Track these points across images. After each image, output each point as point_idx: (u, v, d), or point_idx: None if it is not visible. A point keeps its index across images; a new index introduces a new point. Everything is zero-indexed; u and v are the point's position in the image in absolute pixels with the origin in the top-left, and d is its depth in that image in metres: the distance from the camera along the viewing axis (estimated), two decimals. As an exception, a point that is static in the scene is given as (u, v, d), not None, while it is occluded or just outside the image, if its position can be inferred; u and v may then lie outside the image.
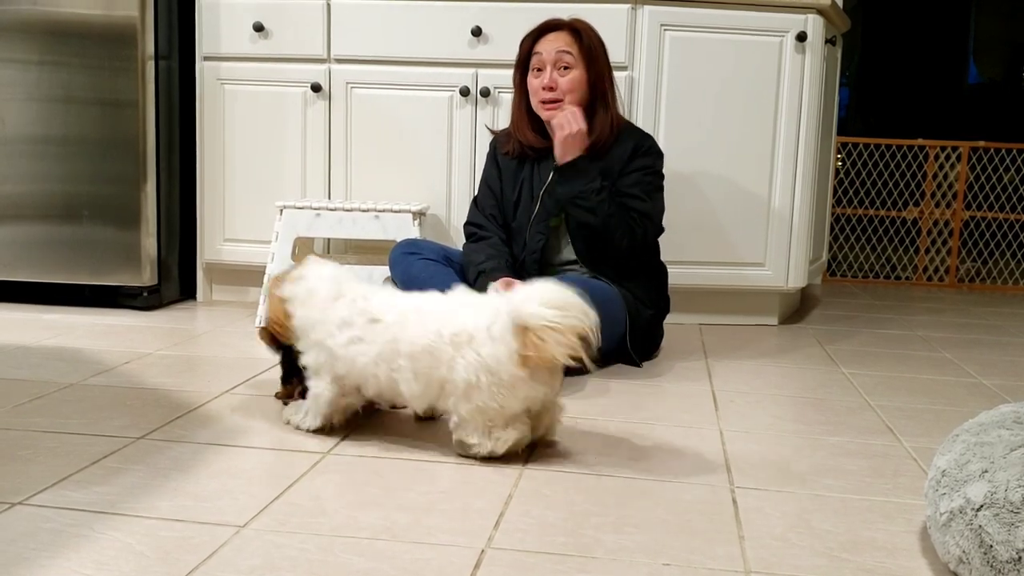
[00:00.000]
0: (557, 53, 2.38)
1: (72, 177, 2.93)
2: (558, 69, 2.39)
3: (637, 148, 2.43)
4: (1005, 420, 1.38)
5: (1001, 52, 7.12)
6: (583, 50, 2.40)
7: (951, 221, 4.38)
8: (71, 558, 1.24)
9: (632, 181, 2.41)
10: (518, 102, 2.51)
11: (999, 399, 2.29)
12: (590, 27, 2.45)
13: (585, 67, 2.41)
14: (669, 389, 2.25)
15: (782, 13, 2.89)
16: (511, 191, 2.51)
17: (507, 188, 2.52)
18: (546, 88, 2.39)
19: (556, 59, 2.38)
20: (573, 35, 2.41)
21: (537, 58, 2.41)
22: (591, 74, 2.42)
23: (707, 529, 1.42)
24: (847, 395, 2.26)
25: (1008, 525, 1.18)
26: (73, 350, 2.41)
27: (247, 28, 3.00)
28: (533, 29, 2.46)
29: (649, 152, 2.45)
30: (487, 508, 1.46)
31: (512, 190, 2.50)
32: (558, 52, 2.38)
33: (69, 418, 1.84)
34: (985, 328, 3.29)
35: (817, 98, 2.99)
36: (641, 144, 2.45)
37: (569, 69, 2.39)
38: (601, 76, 2.44)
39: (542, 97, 2.41)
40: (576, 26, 2.42)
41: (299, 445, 1.73)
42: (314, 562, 1.25)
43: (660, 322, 2.55)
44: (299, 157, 3.05)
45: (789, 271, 3.01)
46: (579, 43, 2.40)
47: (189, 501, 1.45)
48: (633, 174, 2.41)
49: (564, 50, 2.39)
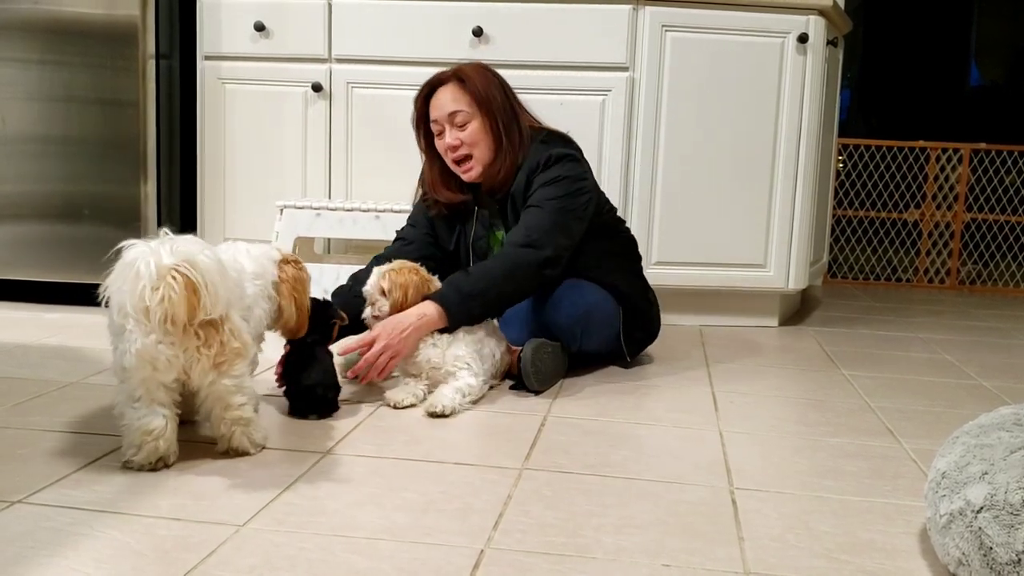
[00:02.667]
0: (450, 115, 2.26)
1: (73, 176, 2.93)
2: (456, 127, 2.27)
3: (534, 168, 2.27)
4: (1005, 422, 1.37)
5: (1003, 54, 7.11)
6: (474, 99, 2.26)
7: (952, 223, 4.38)
8: (70, 557, 1.24)
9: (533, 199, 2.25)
10: (428, 164, 2.39)
11: (1000, 401, 2.29)
12: (476, 69, 2.30)
13: (482, 115, 2.27)
14: (669, 390, 2.25)
15: (783, 14, 2.89)
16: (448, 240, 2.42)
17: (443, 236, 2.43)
18: (451, 149, 2.28)
19: (450, 119, 2.26)
20: (460, 85, 2.27)
21: (434, 124, 2.30)
22: (490, 119, 2.27)
23: (707, 530, 1.41)
24: (847, 397, 2.26)
25: (1008, 527, 1.18)
26: (73, 349, 2.41)
27: (248, 28, 3.00)
28: (421, 89, 2.33)
29: (549, 164, 2.26)
30: (486, 508, 1.46)
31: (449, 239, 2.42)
32: (450, 113, 2.26)
33: (69, 417, 1.84)
34: (986, 330, 3.29)
35: (818, 99, 2.99)
36: (535, 162, 2.27)
37: (467, 123, 2.26)
38: (503, 114, 2.29)
39: (452, 158, 2.30)
40: (459, 75, 2.28)
41: (297, 445, 1.73)
42: (313, 561, 1.25)
43: (654, 313, 2.52)
44: (300, 157, 3.05)
45: (790, 272, 3.01)
46: (468, 93, 2.26)
47: (188, 500, 1.45)
48: (535, 193, 2.26)
49: (454, 109, 2.25)
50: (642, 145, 2.91)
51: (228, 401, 1.61)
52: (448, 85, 2.29)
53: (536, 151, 2.30)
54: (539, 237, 2.19)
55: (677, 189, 2.94)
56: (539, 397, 2.13)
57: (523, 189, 2.28)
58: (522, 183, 2.28)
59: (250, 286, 1.78)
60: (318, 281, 2.81)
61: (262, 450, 1.67)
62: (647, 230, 2.93)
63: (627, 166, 2.92)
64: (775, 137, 2.95)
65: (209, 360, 1.55)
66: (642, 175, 2.93)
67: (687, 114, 2.92)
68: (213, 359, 1.55)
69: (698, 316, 3.08)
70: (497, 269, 2.16)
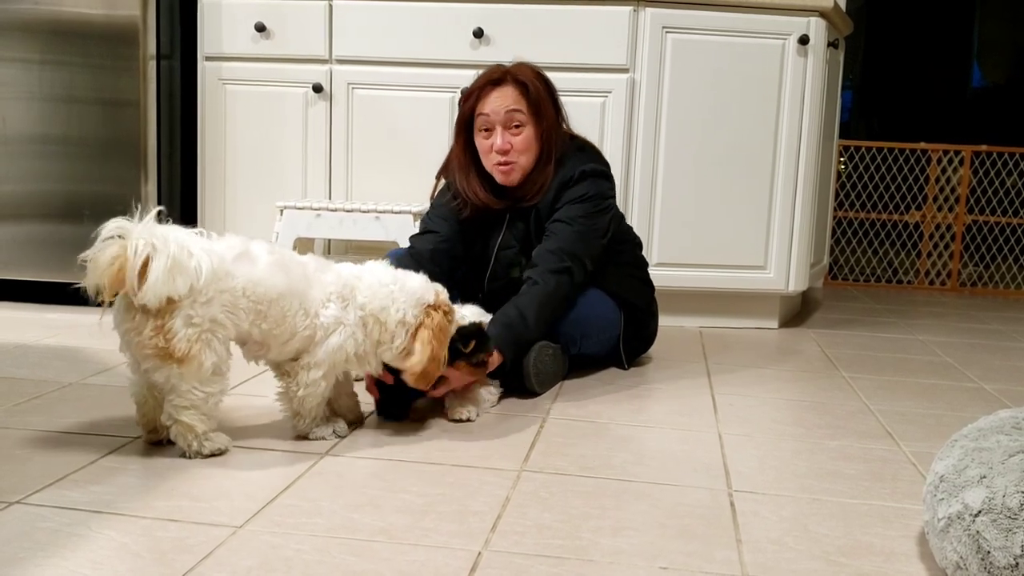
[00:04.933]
0: (507, 113, 2.20)
1: (73, 176, 2.93)
2: (509, 128, 2.21)
3: (564, 183, 2.25)
4: (1004, 426, 1.37)
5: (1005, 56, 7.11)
6: (531, 106, 2.22)
7: (953, 225, 4.37)
8: (67, 558, 1.24)
9: (562, 215, 2.24)
10: (466, 162, 2.30)
11: (1000, 404, 2.28)
12: (534, 74, 2.26)
13: (535, 124, 2.24)
14: (668, 392, 2.24)
15: (784, 16, 2.89)
16: (473, 241, 2.39)
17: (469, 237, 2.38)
18: (500, 151, 2.22)
19: (506, 119, 2.20)
20: (520, 89, 2.22)
21: (484, 119, 2.22)
22: (541, 128, 2.24)
23: (705, 533, 1.41)
24: (847, 399, 2.26)
25: (1006, 531, 1.17)
26: (73, 349, 2.41)
27: (249, 28, 3.00)
28: (474, 85, 2.26)
29: (581, 179, 2.25)
30: (484, 510, 1.46)
31: (474, 240, 2.38)
32: (507, 112, 2.20)
33: (67, 417, 1.84)
34: (987, 333, 3.29)
35: (819, 101, 2.98)
36: (568, 176, 2.26)
37: (521, 127, 2.22)
38: (551, 125, 2.26)
39: (496, 160, 2.24)
40: (520, 78, 2.23)
41: (296, 446, 1.73)
42: (310, 563, 1.25)
43: (653, 324, 2.53)
44: (300, 157, 3.05)
45: (790, 274, 3.01)
46: (527, 98, 2.22)
47: (186, 501, 1.44)
48: (563, 208, 2.25)
49: (514, 108, 2.20)
50: (642, 147, 2.91)
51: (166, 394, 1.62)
52: (508, 86, 2.23)
53: (571, 162, 2.28)
54: (571, 264, 2.20)
55: (677, 191, 2.94)
56: (539, 399, 2.13)
57: (551, 200, 2.26)
58: (551, 193, 2.26)
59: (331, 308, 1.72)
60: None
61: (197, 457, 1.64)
62: (647, 231, 2.92)
63: (627, 167, 2.92)
64: (775, 139, 2.94)
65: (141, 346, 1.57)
66: (642, 176, 2.92)
67: (688, 116, 2.92)
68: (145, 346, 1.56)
69: (698, 317, 3.07)
70: (538, 303, 2.15)
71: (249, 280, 1.64)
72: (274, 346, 1.71)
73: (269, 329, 1.67)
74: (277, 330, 1.68)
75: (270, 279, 1.67)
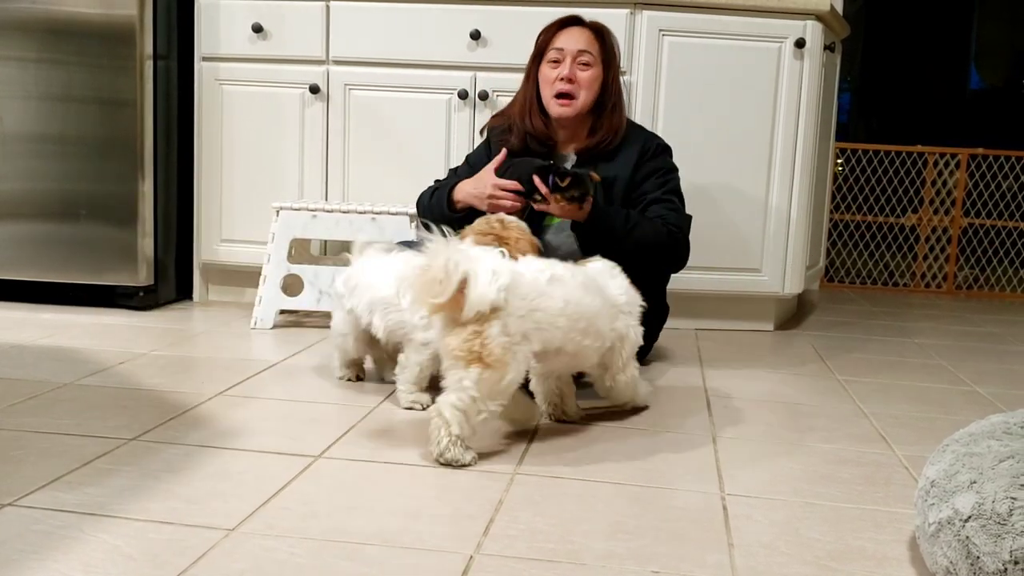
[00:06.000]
0: (579, 50, 2.36)
1: (69, 176, 2.93)
2: (577, 65, 2.36)
3: (644, 151, 2.40)
4: (995, 431, 1.38)
5: (1003, 58, 7.12)
6: (604, 52, 2.40)
7: (949, 228, 4.38)
8: (59, 560, 1.24)
9: (652, 187, 2.37)
10: (530, 92, 2.43)
11: (994, 408, 2.28)
12: (610, 30, 2.45)
13: (603, 69, 2.39)
14: (663, 394, 2.25)
15: (781, 19, 2.89)
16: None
17: None
18: (564, 79, 2.35)
19: (577, 55, 2.36)
20: (596, 35, 2.40)
21: (556, 51, 2.38)
22: (608, 76, 2.40)
23: (697, 536, 1.42)
24: (841, 402, 2.26)
25: (995, 536, 1.18)
26: (68, 350, 2.41)
27: (246, 29, 3.00)
28: (554, 21, 2.43)
29: (658, 152, 2.42)
30: (477, 514, 1.46)
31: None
32: (580, 49, 2.36)
33: (62, 419, 1.84)
34: (982, 336, 3.29)
35: (815, 104, 2.99)
36: (648, 146, 2.41)
37: (588, 67, 2.36)
38: (615, 78, 2.42)
39: (558, 89, 2.35)
40: (599, 27, 2.42)
41: (290, 448, 1.73)
42: (303, 566, 1.25)
43: (658, 328, 2.54)
44: (296, 158, 3.05)
45: (786, 277, 3.01)
46: (601, 45, 2.39)
47: (179, 504, 1.45)
48: (650, 180, 2.38)
49: (586, 48, 2.36)
50: (639, 149, 2.91)
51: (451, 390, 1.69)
52: (588, 29, 2.41)
53: (642, 133, 2.47)
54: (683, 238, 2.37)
55: (674, 193, 2.94)
56: (532, 401, 2.13)
57: (632, 162, 2.38)
58: (633, 155, 2.39)
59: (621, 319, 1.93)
60: (312, 283, 2.82)
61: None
62: (643, 234, 2.93)
63: (624, 170, 2.92)
64: (771, 141, 2.95)
65: (453, 348, 1.67)
66: (639, 179, 2.92)
67: (684, 118, 2.92)
68: (458, 348, 1.67)
69: (693, 320, 3.08)
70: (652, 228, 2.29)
71: (566, 300, 1.76)
72: (586, 357, 1.87)
73: (590, 344, 1.83)
74: (597, 343, 1.85)
75: (585, 298, 1.81)
